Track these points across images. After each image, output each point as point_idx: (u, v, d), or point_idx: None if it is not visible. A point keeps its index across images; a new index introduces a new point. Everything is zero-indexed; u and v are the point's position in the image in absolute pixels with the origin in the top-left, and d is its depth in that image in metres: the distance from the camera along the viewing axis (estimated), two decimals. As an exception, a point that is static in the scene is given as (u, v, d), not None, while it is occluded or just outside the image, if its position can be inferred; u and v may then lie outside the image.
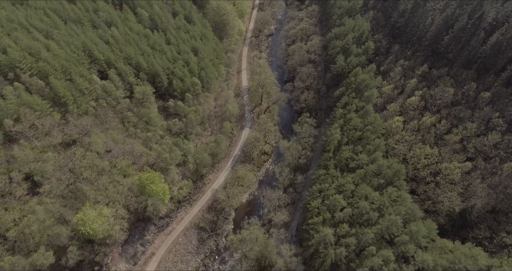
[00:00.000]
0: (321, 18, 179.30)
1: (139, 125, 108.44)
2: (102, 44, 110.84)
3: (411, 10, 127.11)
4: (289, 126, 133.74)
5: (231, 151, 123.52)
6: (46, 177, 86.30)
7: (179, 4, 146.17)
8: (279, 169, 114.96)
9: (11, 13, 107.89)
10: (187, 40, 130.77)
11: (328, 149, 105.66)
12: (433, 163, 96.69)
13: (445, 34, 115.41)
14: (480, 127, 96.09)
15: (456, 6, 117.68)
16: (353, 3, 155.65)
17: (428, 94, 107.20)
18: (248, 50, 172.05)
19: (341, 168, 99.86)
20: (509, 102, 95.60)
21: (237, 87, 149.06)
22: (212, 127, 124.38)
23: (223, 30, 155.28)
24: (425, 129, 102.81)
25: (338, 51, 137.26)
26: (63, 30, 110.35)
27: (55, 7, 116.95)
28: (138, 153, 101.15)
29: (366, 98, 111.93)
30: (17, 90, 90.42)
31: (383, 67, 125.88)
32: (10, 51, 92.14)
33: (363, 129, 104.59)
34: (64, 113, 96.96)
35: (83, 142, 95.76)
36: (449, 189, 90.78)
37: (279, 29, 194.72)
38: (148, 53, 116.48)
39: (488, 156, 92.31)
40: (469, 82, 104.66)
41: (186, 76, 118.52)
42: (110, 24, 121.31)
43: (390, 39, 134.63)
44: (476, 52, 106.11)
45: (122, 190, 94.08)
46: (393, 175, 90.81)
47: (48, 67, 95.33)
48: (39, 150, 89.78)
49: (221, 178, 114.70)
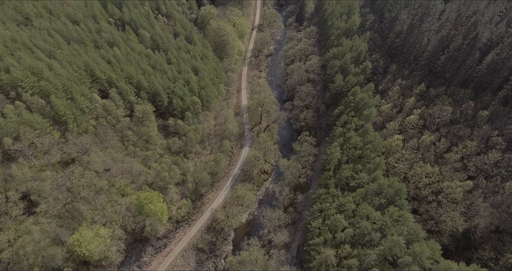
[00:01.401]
0: (319, 38, 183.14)
1: (138, 144, 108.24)
2: (104, 63, 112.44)
3: (407, 31, 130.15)
4: (289, 145, 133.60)
5: (230, 169, 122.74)
6: (43, 196, 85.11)
7: (180, 25, 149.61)
8: (279, 188, 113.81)
9: (16, 33, 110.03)
10: (187, 60, 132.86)
11: (328, 168, 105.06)
12: (434, 181, 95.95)
13: (441, 54, 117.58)
14: (480, 146, 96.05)
15: (451, 27, 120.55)
16: (350, 24, 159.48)
17: (427, 112, 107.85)
18: (247, 70, 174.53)
19: (342, 187, 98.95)
20: (507, 120, 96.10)
21: (237, 106, 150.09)
22: (212, 146, 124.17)
23: (223, 50, 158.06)
24: (425, 148, 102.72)
25: (337, 71, 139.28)
26: (66, 50, 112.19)
27: (59, 28, 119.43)
28: (137, 171, 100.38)
29: (365, 117, 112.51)
30: (18, 109, 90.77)
31: (381, 86, 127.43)
32: (13, 70, 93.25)
33: (363, 147, 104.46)
34: (64, 131, 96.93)
35: (82, 161, 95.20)
36: (451, 208, 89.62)
37: (278, 50, 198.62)
38: (149, 73, 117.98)
39: (489, 175, 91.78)
40: (467, 101, 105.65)
41: (186, 95, 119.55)
42: (112, 44, 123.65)
43: (387, 59, 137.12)
44: (473, 71, 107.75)
45: (120, 210, 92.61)
46: (394, 194, 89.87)
47: (50, 86, 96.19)
48: (37, 168, 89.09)
49: (220, 197, 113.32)
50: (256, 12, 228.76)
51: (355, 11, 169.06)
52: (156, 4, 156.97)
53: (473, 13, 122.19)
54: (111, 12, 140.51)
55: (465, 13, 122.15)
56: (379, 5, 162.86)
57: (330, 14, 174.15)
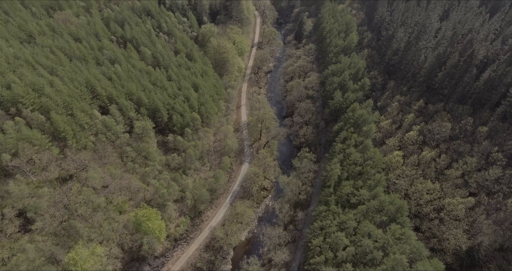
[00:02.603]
0: (317, 56, 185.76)
1: (137, 160, 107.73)
2: (105, 80, 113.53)
3: (404, 48, 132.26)
4: (289, 161, 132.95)
5: (230, 186, 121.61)
6: (39, 213, 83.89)
7: (181, 42, 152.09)
8: (279, 205, 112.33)
9: (19, 50, 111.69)
10: (188, 76, 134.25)
11: (328, 184, 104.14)
12: (435, 198, 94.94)
13: (438, 70, 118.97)
14: (480, 162, 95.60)
15: (447, 44, 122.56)
16: (348, 42, 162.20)
17: (426, 129, 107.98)
18: (247, 87, 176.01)
19: (342, 204, 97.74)
20: (507, 136, 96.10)
21: (237, 122, 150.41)
22: (211, 162, 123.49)
23: (223, 67, 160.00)
24: (425, 164, 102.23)
25: (336, 87, 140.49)
26: (67, 67, 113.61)
27: (61, 45, 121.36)
28: (136, 188, 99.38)
29: (364, 133, 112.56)
30: (17, 125, 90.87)
31: (380, 103, 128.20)
32: (14, 86, 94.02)
33: (363, 164, 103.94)
34: (63, 148, 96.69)
35: (80, 177, 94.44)
36: (454, 225, 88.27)
37: (277, 66, 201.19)
38: (149, 89, 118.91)
39: (491, 191, 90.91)
40: (465, 117, 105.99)
41: (186, 111, 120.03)
42: (113, 61, 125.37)
43: (385, 76, 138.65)
44: (470, 88, 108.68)
45: (117, 228, 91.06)
46: (395, 211, 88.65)
47: (50, 102, 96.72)
48: (34, 185, 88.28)
49: (219, 215, 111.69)
50: (256, 30, 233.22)
51: (352, 29, 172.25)
52: (157, 22, 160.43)
53: (469, 31, 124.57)
54: (113, 30, 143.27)
55: (460, 31, 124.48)
56: (376, 24, 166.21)
57: (328, 32, 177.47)
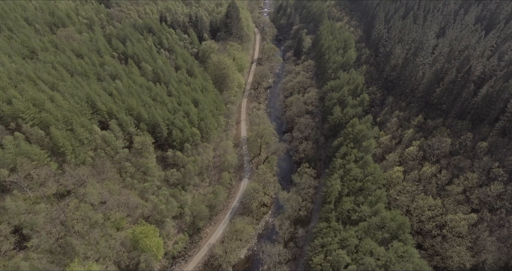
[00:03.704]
0: (316, 71, 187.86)
1: (136, 176, 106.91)
2: (105, 95, 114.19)
3: (402, 64, 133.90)
4: (289, 177, 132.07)
5: (229, 202, 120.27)
6: (35, 230, 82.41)
7: (182, 59, 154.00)
8: (279, 221, 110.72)
9: (21, 66, 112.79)
10: (188, 92, 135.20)
11: (328, 200, 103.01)
12: (437, 214, 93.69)
13: (436, 86, 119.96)
14: (481, 178, 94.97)
15: (444, 60, 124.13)
16: (347, 58, 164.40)
17: (426, 144, 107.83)
18: (247, 102, 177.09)
19: (343, 220, 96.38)
20: (507, 152, 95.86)
21: (236, 137, 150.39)
22: (211, 178, 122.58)
23: (223, 83, 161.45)
24: (426, 180, 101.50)
25: (335, 103, 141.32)
26: (69, 82, 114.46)
27: (63, 61, 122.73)
28: (134, 204, 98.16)
29: (364, 148, 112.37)
30: (16, 140, 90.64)
31: (379, 118, 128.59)
32: (15, 102, 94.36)
33: (364, 180, 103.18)
34: (61, 163, 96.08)
35: (78, 193, 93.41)
36: (457, 242, 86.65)
37: (277, 82, 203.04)
38: (149, 104, 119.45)
39: (494, 207, 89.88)
40: (465, 132, 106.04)
41: (186, 126, 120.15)
42: (114, 77, 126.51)
43: (384, 92, 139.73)
44: (469, 103, 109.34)
45: (114, 245, 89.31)
46: (397, 228, 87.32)
47: (50, 117, 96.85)
48: (32, 200, 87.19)
49: (218, 231, 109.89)
50: (256, 46, 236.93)
51: (351, 45, 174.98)
52: (159, 39, 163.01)
53: (465, 48, 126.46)
54: (115, 46, 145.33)
55: (457, 47, 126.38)
56: (373, 40, 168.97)
57: (327, 49, 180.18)
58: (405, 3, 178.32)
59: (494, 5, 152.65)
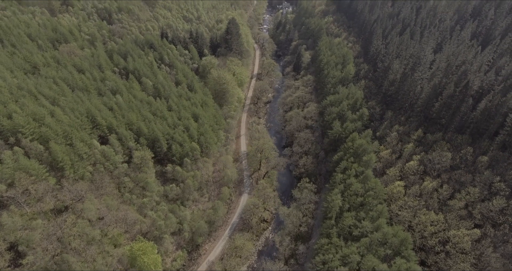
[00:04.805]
0: (316, 86, 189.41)
1: (135, 191, 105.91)
2: (105, 110, 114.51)
3: (400, 79, 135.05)
4: (289, 192, 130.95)
5: (229, 218, 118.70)
6: (31, 246, 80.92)
7: (182, 74, 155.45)
8: (279, 237, 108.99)
9: (22, 81, 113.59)
10: (188, 107, 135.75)
11: (329, 216, 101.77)
12: (440, 230, 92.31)
13: (435, 101, 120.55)
14: (483, 192, 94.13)
15: (442, 75, 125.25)
16: (345, 73, 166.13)
17: (426, 158, 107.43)
18: (247, 117, 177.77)
19: (345, 236, 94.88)
20: (508, 166, 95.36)
21: (236, 152, 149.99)
22: (210, 193, 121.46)
23: (223, 97, 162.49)
24: (428, 195, 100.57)
25: (334, 117, 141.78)
26: (69, 97, 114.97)
27: (65, 76, 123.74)
28: (132, 220, 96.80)
29: (364, 163, 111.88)
30: (15, 155, 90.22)
31: (379, 133, 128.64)
32: (15, 116, 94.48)
33: (364, 194, 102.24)
34: (60, 178, 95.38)
35: (76, 208, 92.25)
36: (461, 259, 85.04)
37: (276, 97, 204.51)
38: (149, 119, 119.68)
39: (497, 222, 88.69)
40: (465, 147, 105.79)
41: (186, 141, 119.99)
42: (115, 92, 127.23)
43: (383, 106, 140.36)
44: (468, 117, 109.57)
45: (111, 262, 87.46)
46: (399, 244, 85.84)
47: (50, 132, 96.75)
48: (28, 216, 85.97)
49: (218, 248, 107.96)
50: (255, 62, 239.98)
51: (349, 61, 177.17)
52: (159, 55, 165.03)
53: (462, 63, 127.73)
54: (116, 62, 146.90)
55: (454, 62, 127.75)
56: (372, 56, 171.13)
57: (325, 64, 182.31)
58: (402, 20, 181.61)
59: (489, 22, 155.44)
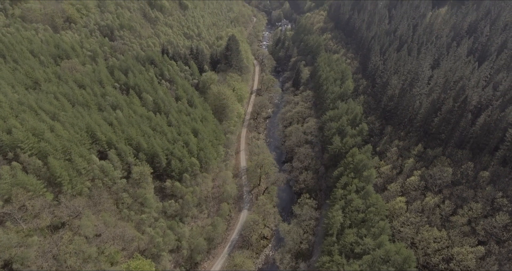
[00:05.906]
0: (315, 102, 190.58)
1: (133, 207, 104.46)
2: (105, 125, 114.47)
3: (399, 94, 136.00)
4: (289, 208, 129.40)
5: (228, 235, 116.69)
6: (26, 264, 78.93)
7: (182, 89, 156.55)
8: (280, 255, 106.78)
9: (23, 96, 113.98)
10: (188, 122, 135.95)
11: (330, 233, 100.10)
12: (443, 247, 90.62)
13: (434, 116, 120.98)
14: (485, 208, 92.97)
15: (441, 91, 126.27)
16: (344, 89, 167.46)
17: (427, 174, 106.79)
18: (246, 132, 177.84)
19: (346, 254, 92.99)
20: (509, 181, 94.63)
21: (236, 167, 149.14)
22: (209, 209, 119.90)
23: (223, 113, 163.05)
24: (430, 210, 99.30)
25: (334, 133, 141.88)
26: (69, 112, 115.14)
27: (65, 92, 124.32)
28: (130, 237, 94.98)
29: (365, 178, 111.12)
30: (13, 170, 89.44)
31: (379, 148, 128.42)
32: (15, 131, 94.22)
33: (366, 211, 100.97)
34: (57, 193, 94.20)
35: (73, 225, 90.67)
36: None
37: (276, 112, 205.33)
38: (149, 134, 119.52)
39: (501, 239, 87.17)
40: (466, 162, 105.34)
41: (185, 156, 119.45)
42: (115, 107, 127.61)
43: (382, 121, 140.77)
44: (467, 132, 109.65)
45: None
46: (403, 261, 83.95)
47: (49, 147, 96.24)
48: (24, 233, 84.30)
49: (217, 266, 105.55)
50: (255, 78, 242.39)
51: (348, 76, 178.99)
52: (160, 70, 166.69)
53: (460, 78, 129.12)
54: (117, 77, 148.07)
55: (452, 78, 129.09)
56: (370, 71, 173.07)
57: (324, 80, 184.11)
58: (399, 36, 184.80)
59: (484, 38, 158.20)
